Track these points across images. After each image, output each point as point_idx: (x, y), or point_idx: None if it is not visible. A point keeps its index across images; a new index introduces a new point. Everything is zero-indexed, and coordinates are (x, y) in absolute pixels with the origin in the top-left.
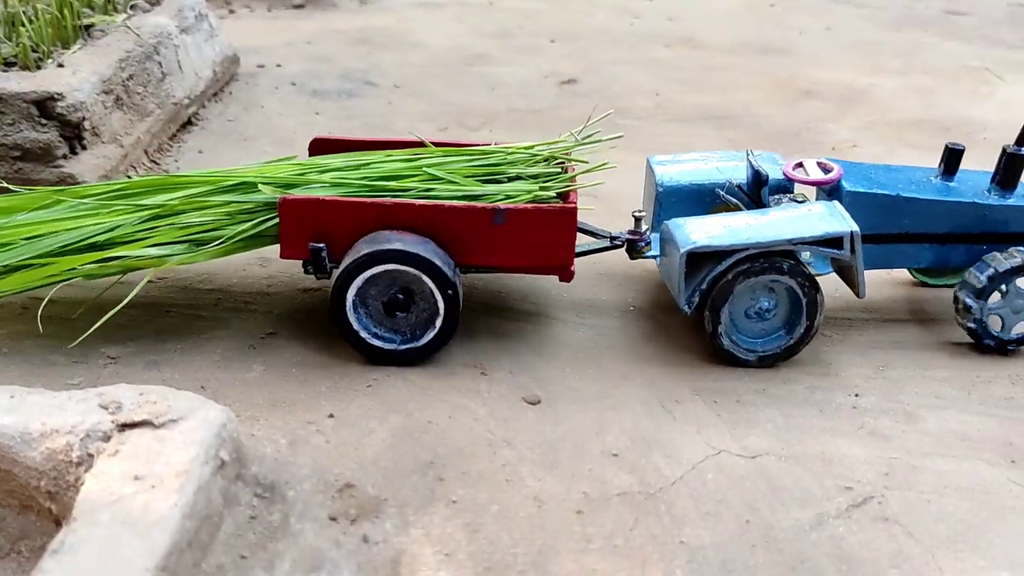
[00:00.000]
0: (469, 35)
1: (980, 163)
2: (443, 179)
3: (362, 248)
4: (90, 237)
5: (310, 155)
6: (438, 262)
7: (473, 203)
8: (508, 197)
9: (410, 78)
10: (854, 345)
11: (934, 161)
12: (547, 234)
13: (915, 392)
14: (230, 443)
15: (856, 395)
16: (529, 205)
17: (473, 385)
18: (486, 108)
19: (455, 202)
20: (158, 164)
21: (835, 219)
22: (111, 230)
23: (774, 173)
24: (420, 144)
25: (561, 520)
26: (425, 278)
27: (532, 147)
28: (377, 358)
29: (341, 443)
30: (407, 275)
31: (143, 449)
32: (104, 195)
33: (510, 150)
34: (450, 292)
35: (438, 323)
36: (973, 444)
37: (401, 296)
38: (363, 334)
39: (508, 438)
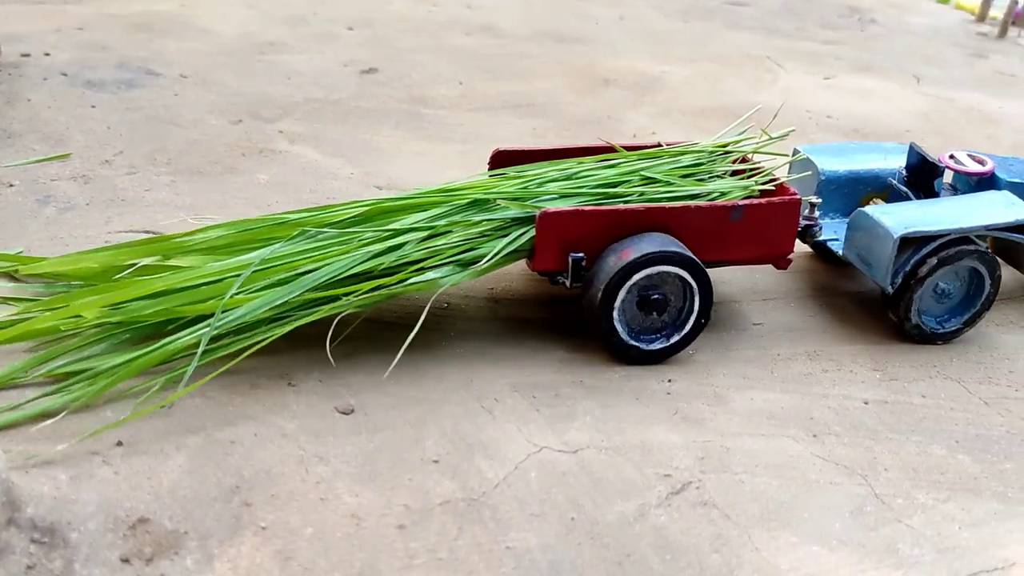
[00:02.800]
0: (260, 21)
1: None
2: (661, 181)
3: (628, 252)
4: (358, 264)
5: (491, 167)
6: (698, 261)
7: (714, 202)
8: (722, 195)
9: (197, 67)
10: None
11: None
12: (776, 225)
13: (723, 374)
14: None
15: (669, 380)
16: (762, 200)
17: (280, 398)
18: (282, 99)
19: (700, 203)
20: None
21: (1019, 207)
22: (374, 257)
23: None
24: (610, 150)
25: (382, 537)
26: (688, 276)
27: (724, 146)
28: (634, 358)
29: (132, 473)
30: (669, 275)
31: None
32: (346, 222)
33: (708, 149)
34: (706, 289)
35: (691, 320)
36: (778, 422)
37: (658, 296)
38: (623, 336)
39: (321, 453)
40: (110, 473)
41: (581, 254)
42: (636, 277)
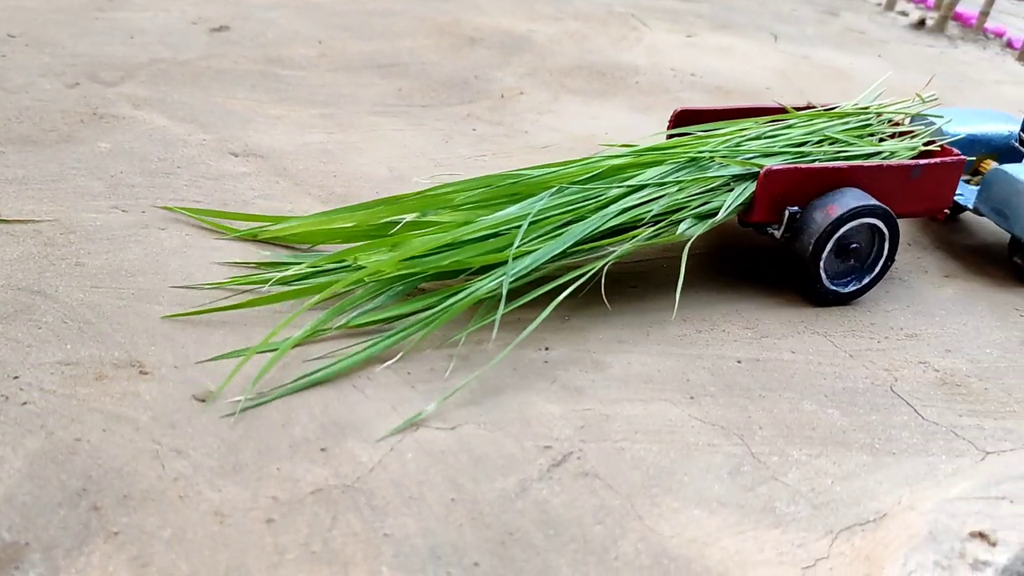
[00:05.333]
0: None
1: (634, 106)
2: (842, 141)
3: (835, 207)
4: (613, 217)
5: (673, 125)
6: (892, 212)
7: (900, 162)
8: (892, 154)
9: (26, 24)
10: (538, 297)
11: (597, 105)
12: (944, 182)
13: (599, 339)
14: None
15: (546, 348)
16: (936, 160)
17: (130, 387)
18: (124, 59)
19: (889, 162)
20: None
21: None
22: (626, 211)
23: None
24: (780, 110)
25: (249, 533)
26: (883, 226)
27: (887, 106)
28: (831, 301)
29: None
30: (867, 226)
31: None
32: (588, 176)
33: (875, 110)
34: (895, 236)
35: (880, 263)
36: (656, 385)
37: (855, 245)
38: (825, 282)
39: (179, 446)
40: None
41: (797, 207)
42: (843, 229)
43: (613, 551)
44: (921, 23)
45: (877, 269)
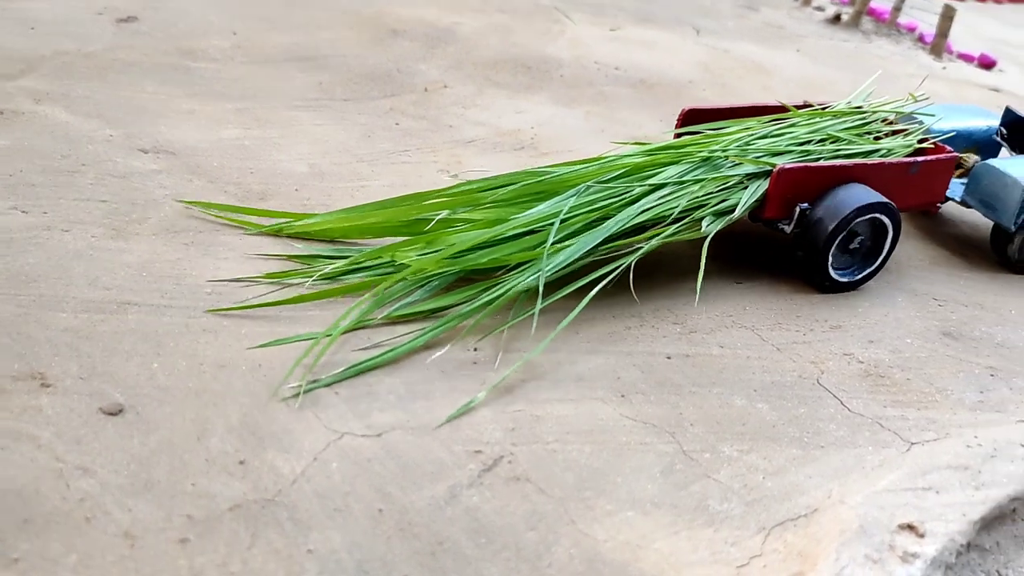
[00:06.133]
0: None
1: (559, 100)
2: (843, 139)
3: (845, 203)
4: (639, 215)
5: (681, 124)
6: (895, 207)
7: (900, 159)
8: (890, 151)
9: None
10: (465, 297)
11: (523, 98)
12: (939, 177)
13: (529, 338)
14: None
15: (475, 349)
16: (932, 156)
17: (31, 401)
18: (24, 52)
19: (891, 159)
20: None
21: None
22: (649, 208)
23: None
24: (781, 109)
25: (162, 556)
26: (887, 220)
27: (879, 106)
28: (837, 288)
29: None
30: (874, 220)
31: None
32: (612, 175)
33: (872, 110)
34: (897, 229)
35: (883, 253)
36: (586, 384)
37: (861, 237)
38: (831, 272)
39: (84, 464)
40: None
41: (807, 204)
42: (853, 223)
43: (547, 558)
44: (837, 18)
45: (879, 260)
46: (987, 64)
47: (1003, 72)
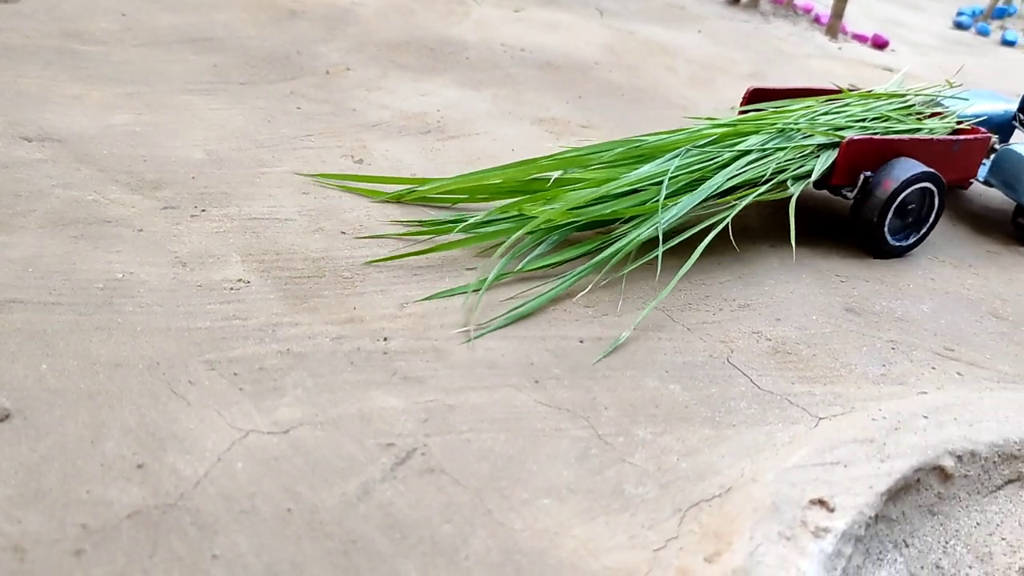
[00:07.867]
0: None
1: (466, 82)
2: (895, 119)
3: (900, 173)
4: (734, 177)
5: (746, 103)
6: (942, 178)
7: (946, 136)
8: (932, 131)
9: None
10: (375, 283)
11: (428, 81)
12: (975, 156)
13: (440, 325)
14: None
15: (385, 339)
16: (971, 136)
17: None
18: None
19: (939, 136)
20: None
21: None
22: (742, 171)
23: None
24: (834, 91)
25: (55, 569)
26: (935, 189)
27: (922, 90)
28: (890, 253)
29: None
30: (924, 189)
31: None
32: (705, 141)
33: (914, 93)
34: (943, 198)
35: (929, 222)
36: (499, 371)
37: (912, 205)
38: (888, 238)
39: None
40: None
41: (870, 172)
42: (906, 191)
43: (463, 550)
44: (736, 0)
45: (926, 227)
46: (880, 44)
47: (895, 52)
